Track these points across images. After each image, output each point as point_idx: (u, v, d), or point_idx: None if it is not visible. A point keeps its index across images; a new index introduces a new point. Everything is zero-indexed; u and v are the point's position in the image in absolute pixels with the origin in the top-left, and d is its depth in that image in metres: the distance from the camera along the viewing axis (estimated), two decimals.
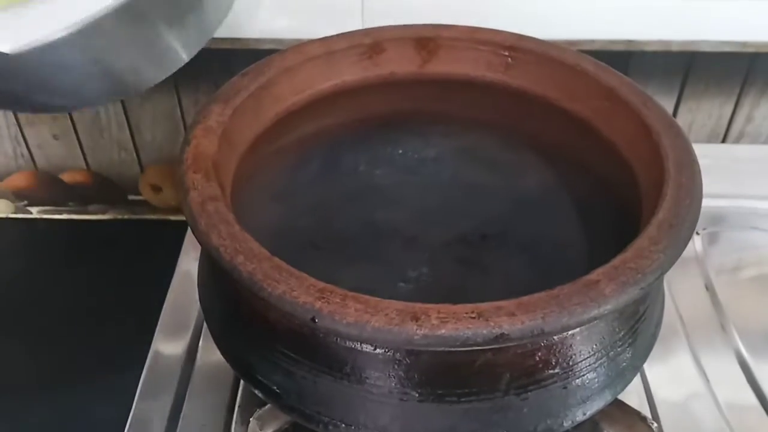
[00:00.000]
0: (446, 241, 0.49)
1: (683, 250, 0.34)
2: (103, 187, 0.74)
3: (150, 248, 0.69)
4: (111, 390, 0.52)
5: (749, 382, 0.48)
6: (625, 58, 0.65)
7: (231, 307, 0.37)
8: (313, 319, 0.30)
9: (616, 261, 0.32)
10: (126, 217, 0.75)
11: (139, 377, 0.47)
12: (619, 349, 0.36)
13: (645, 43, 0.62)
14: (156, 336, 0.50)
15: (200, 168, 0.36)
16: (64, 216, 0.76)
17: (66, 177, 0.73)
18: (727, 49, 0.63)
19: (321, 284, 0.31)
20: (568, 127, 0.45)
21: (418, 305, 0.30)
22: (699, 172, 0.37)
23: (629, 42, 0.62)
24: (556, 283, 0.31)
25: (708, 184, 0.37)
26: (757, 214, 0.59)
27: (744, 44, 0.63)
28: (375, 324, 0.29)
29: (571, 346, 0.33)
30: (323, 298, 0.30)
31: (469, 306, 0.30)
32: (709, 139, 0.71)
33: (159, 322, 0.50)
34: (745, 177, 0.62)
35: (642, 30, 0.62)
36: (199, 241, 0.33)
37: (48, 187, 0.73)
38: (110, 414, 0.45)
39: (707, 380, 0.48)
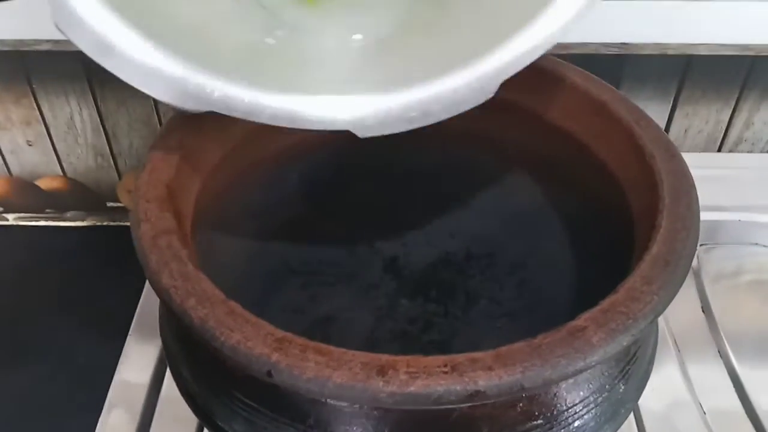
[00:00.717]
0: (429, 263, 0.47)
1: (679, 289, 0.31)
2: (81, 194, 0.71)
3: (129, 255, 0.67)
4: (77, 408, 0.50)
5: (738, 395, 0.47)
6: (619, 62, 0.62)
7: (188, 348, 0.34)
8: (269, 374, 0.27)
9: (605, 304, 0.30)
10: (104, 224, 0.73)
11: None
12: (608, 394, 0.33)
13: (640, 46, 0.59)
14: (120, 362, 0.47)
15: (154, 196, 0.33)
16: (42, 223, 0.73)
17: (42, 183, 0.71)
18: (726, 52, 0.60)
19: (280, 333, 0.28)
20: (557, 143, 0.42)
21: (386, 357, 0.27)
22: (696, 200, 0.34)
23: (623, 45, 0.59)
24: (542, 311, 0.29)
25: (705, 196, 0.34)
26: (757, 228, 0.56)
27: (745, 47, 0.60)
28: (337, 380, 0.27)
29: (555, 395, 0.31)
30: (281, 349, 0.27)
31: (441, 358, 0.28)
32: (706, 145, 0.68)
33: (124, 348, 0.47)
34: (744, 188, 0.59)
35: (637, 32, 0.59)
36: (149, 281, 0.31)
37: (24, 193, 0.71)
38: None
39: (693, 390, 0.47)
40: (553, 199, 0.45)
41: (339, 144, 0.46)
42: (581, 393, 0.32)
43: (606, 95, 0.40)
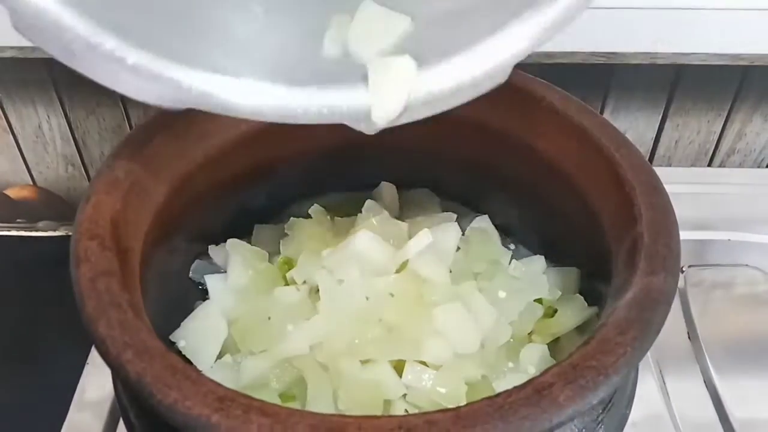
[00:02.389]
0: None
1: (655, 339, 0.29)
2: (52, 204, 0.70)
3: None
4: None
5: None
6: (607, 72, 0.60)
7: (132, 397, 0.32)
8: None
9: (575, 357, 0.27)
10: None
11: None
12: None
13: (629, 55, 0.57)
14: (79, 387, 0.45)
15: (96, 234, 0.31)
16: (13, 233, 0.71)
17: (12, 193, 0.69)
18: (718, 61, 0.57)
19: (222, 391, 0.26)
20: (536, 169, 0.40)
21: (336, 419, 0.25)
22: (677, 237, 0.32)
23: (611, 54, 0.57)
24: None
25: (693, 214, 0.32)
26: (746, 248, 0.54)
27: (737, 57, 0.57)
28: None
29: None
30: (222, 409, 0.25)
31: (395, 420, 0.26)
32: (697, 156, 0.66)
33: (79, 382, 0.45)
34: (734, 205, 0.57)
35: (625, 41, 0.56)
36: (85, 329, 0.28)
37: None
38: None
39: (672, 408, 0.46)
40: (532, 228, 0.43)
41: (307, 164, 0.44)
42: None
43: (586, 120, 0.38)
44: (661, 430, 0.45)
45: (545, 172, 0.39)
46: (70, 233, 0.75)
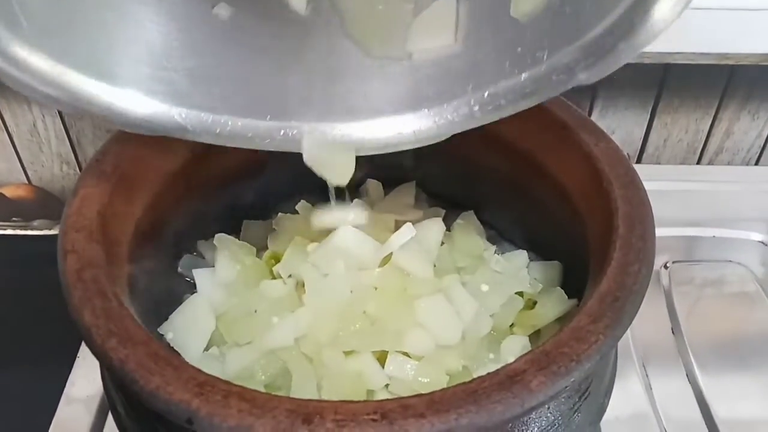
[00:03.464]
0: None
1: (628, 327, 0.30)
2: (47, 202, 0.70)
3: None
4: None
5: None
6: None
7: (117, 384, 0.33)
8: (188, 421, 0.26)
9: (548, 345, 0.28)
10: None
11: None
12: (557, 429, 0.32)
13: None
14: (68, 383, 0.46)
15: (83, 226, 0.32)
16: (8, 231, 0.72)
17: (7, 191, 0.70)
18: (704, 61, 0.58)
19: (202, 376, 0.27)
20: (515, 161, 0.41)
21: (313, 404, 0.26)
22: (653, 229, 0.33)
23: None
24: None
25: (680, 211, 0.33)
26: (731, 245, 0.55)
27: (723, 56, 0.58)
28: (260, 429, 0.25)
29: None
30: (202, 394, 0.26)
31: (371, 404, 0.26)
32: (686, 155, 0.67)
33: (71, 373, 0.46)
34: (720, 202, 0.57)
35: None
36: (72, 318, 0.29)
37: None
38: None
39: (656, 404, 0.46)
40: (515, 223, 0.43)
41: (294, 158, 0.45)
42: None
43: (566, 115, 0.38)
44: (645, 427, 0.45)
45: (526, 166, 0.40)
46: None
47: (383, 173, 0.46)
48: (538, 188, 0.40)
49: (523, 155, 0.40)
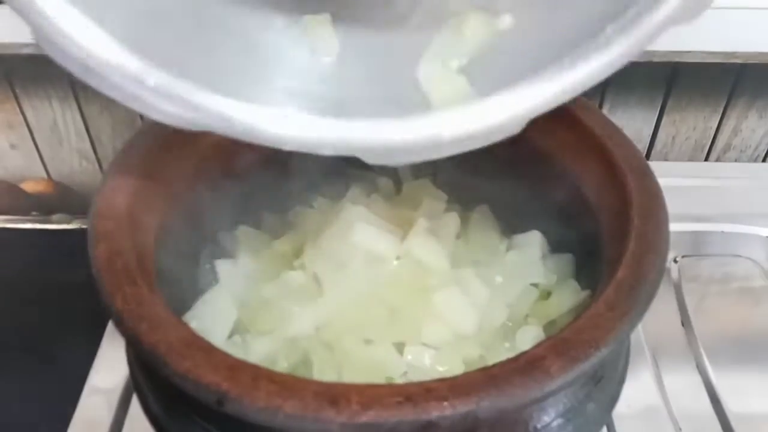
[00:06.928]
0: None
1: (644, 315, 0.31)
2: (66, 197, 0.71)
3: None
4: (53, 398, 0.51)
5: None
6: None
7: (147, 370, 0.33)
8: (219, 402, 0.27)
9: (566, 332, 0.29)
10: None
11: None
12: (571, 415, 0.32)
13: None
14: (90, 375, 0.47)
15: (114, 214, 0.33)
16: (27, 225, 0.73)
17: (27, 186, 0.71)
18: (713, 59, 0.59)
19: (232, 360, 0.28)
20: (530, 156, 0.41)
21: (339, 386, 0.27)
22: (666, 221, 0.34)
23: None
24: None
25: (689, 206, 0.33)
26: (739, 239, 0.55)
27: (731, 54, 0.59)
28: (288, 410, 0.26)
29: (515, 421, 0.30)
30: (232, 377, 0.27)
31: (395, 387, 0.27)
32: (694, 152, 0.68)
33: (95, 361, 0.47)
34: (729, 198, 0.58)
35: None
36: (103, 304, 0.30)
37: (8, 196, 0.71)
38: None
39: (668, 399, 0.47)
40: (525, 215, 0.44)
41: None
42: (545, 418, 0.31)
43: (579, 109, 0.39)
44: (656, 421, 0.46)
45: (540, 160, 0.41)
46: (83, 226, 0.77)
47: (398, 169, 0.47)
48: (551, 183, 0.41)
49: (536, 149, 0.41)
